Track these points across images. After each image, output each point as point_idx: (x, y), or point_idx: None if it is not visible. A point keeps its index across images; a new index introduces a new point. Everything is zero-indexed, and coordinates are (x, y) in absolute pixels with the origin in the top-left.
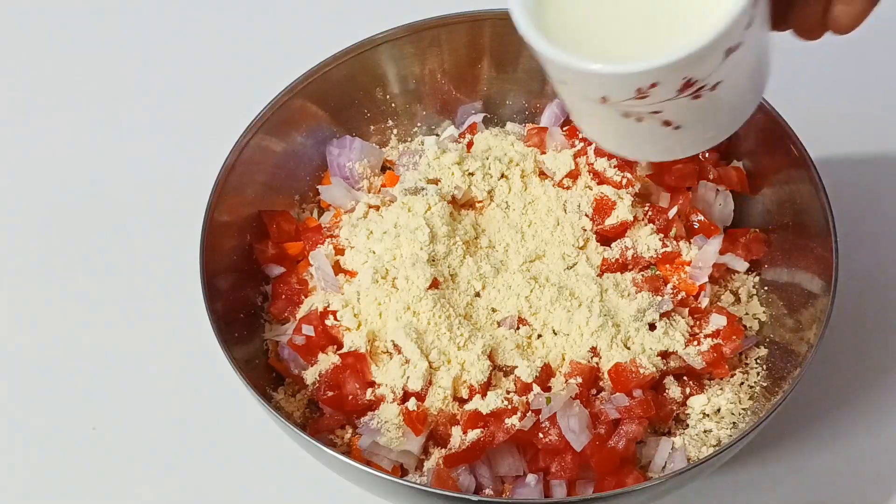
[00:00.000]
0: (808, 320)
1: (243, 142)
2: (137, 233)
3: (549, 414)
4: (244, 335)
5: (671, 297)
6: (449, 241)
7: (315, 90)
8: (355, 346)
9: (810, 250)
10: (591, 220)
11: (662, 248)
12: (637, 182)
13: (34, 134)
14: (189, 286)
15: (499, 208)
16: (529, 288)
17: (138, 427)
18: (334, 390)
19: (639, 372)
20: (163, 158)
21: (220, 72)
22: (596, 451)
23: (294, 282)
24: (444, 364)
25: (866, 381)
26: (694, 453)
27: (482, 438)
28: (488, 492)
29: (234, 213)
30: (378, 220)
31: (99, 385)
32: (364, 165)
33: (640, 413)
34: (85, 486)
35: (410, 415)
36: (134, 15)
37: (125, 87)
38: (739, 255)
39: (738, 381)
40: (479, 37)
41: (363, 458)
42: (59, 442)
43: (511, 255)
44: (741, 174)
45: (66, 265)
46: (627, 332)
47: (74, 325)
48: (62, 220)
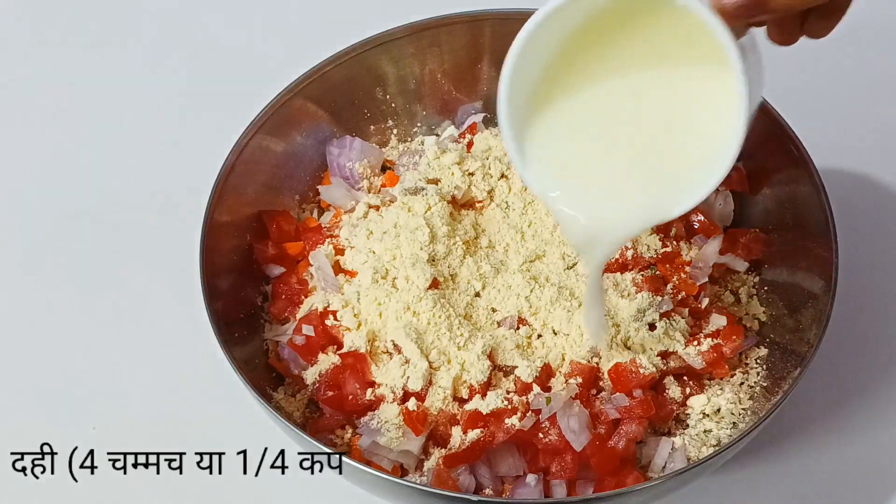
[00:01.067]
0: (808, 320)
1: (243, 142)
2: (137, 233)
3: (549, 414)
4: (244, 335)
5: (671, 297)
6: (449, 241)
7: (315, 90)
8: (355, 346)
9: (810, 250)
10: None
11: (662, 248)
12: None
13: (34, 134)
14: (189, 286)
15: (499, 208)
16: (529, 288)
17: (138, 427)
18: (334, 390)
19: (639, 372)
20: (163, 159)
21: (220, 72)
22: (596, 451)
23: (294, 282)
24: (444, 364)
25: (866, 381)
26: (694, 453)
27: (482, 438)
28: (488, 492)
29: (234, 213)
30: (378, 220)
31: (99, 385)
32: (364, 165)
33: (640, 413)
34: (85, 486)
35: (410, 415)
36: (134, 15)
37: (125, 88)
38: (739, 255)
39: (738, 381)
40: (479, 37)
41: (363, 458)
42: (60, 442)
43: (511, 255)
44: (741, 174)
45: (67, 265)
46: (627, 332)
47: (74, 325)
48: (62, 221)
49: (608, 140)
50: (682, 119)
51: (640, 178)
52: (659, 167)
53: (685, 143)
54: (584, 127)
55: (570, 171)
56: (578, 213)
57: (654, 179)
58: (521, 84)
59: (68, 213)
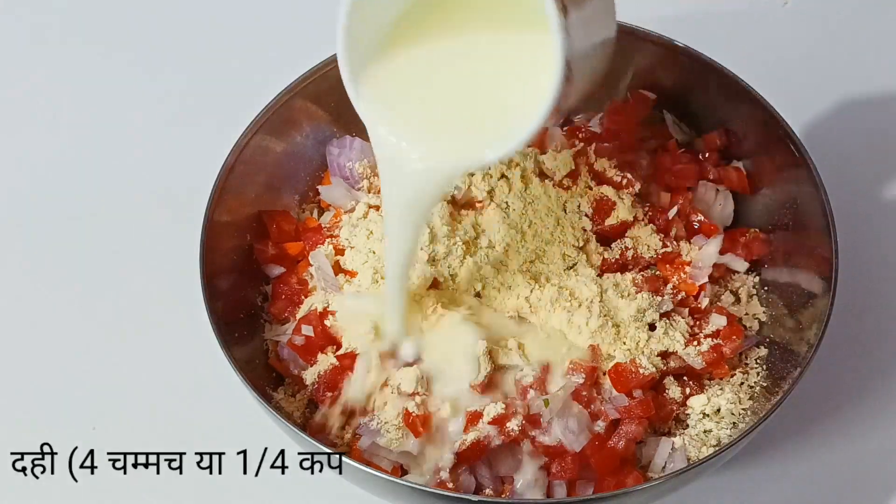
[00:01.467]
0: (808, 320)
1: (243, 142)
2: (138, 233)
3: (549, 416)
4: (244, 335)
5: (671, 297)
6: (449, 241)
7: (315, 90)
8: (353, 346)
9: (810, 250)
10: (592, 220)
11: (662, 248)
12: (637, 182)
13: (34, 135)
14: (189, 286)
15: (499, 208)
16: (529, 288)
17: (138, 427)
18: (333, 391)
19: (639, 372)
20: (163, 159)
21: (220, 72)
22: (596, 451)
23: (294, 282)
24: (443, 364)
25: (866, 381)
26: (694, 453)
27: (482, 439)
28: (488, 492)
29: (234, 213)
30: (378, 220)
31: (99, 385)
32: (364, 165)
33: (640, 413)
34: (85, 486)
35: (410, 416)
36: (134, 15)
37: (125, 88)
38: (739, 255)
39: (738, 381)
40: None
41: (363, 459)
42: (60, 442)
43: (511, 255)
44: (741, 174)
45: (67, 265)
46: (627, 332)
47: (74, 326)
48: (62, 221)
49: (439, 88)
50: (507, 72)
51: (464, 123)
52: (481, 114)
53: (508, 94)
54: (419, 73)
55: (401, 109)
56: (402, 140)
57: (476, 125)
58: (368, 21)
59: (68, 213)
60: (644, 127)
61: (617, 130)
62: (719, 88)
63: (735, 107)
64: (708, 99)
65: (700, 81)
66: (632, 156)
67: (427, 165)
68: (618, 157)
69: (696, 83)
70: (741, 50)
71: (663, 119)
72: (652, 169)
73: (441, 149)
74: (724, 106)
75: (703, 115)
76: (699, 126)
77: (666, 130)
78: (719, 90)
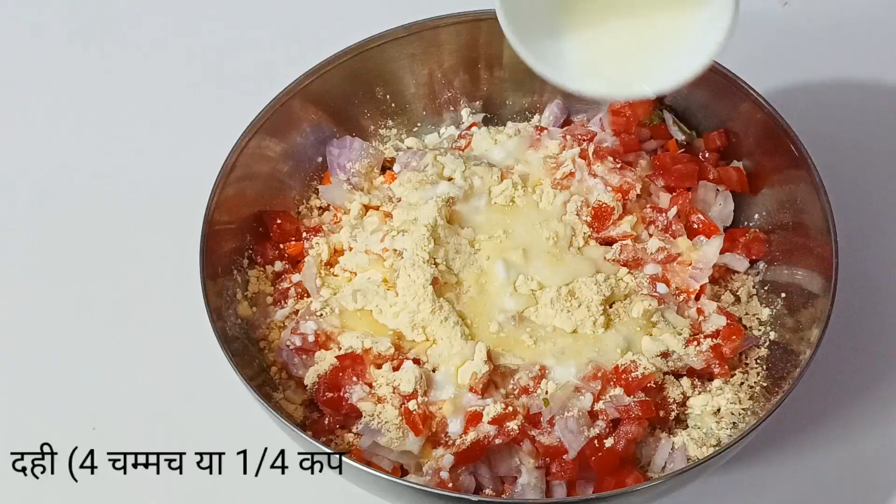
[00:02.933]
0: (808, 320)
1: (243, 142)
2: (138, 233)
3: (549, 416)
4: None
5: (671, 297)
6: (449, 241)
7: (315, 90)
8: (352, 347)
9: (810, 250)
10: (591, 227)
11: (663, 249)
12: (637, 184)
13: (34, 135)
14: (189, 286)
15: (499, 208)
16: (529, 288)
17: (138, 427)
18: (333, 392)
19: (639, 372)
20: (163, 159)
21: (220, 72)
22: (595, 451)
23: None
24: (443, 364)
25: (866, 382)
26: (694, 453)
27: (482, 438)
28: (488, 492)
29: (234, 213)
30: (378, 220)
31: (99, 385)
32: (364, 165)
33: (640, 413)
34: (85, 486)
35: (410, 415)
36: (135, 16)
37: (126, 88)
38: (739, 255)
39: (738, 381)
40: (479, 37)
41: (363, 458)
42: (60, 442)
43: (511, 254)
44: (741, 174)
45: (67, 265)
46: (627, 332)
47: (74, 326)
48: (63, 221)
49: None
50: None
51: (637, 56)
52: (653, 50)
53: (678, 35)
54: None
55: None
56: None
57: (648, 59)
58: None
59: (68, 214)
60: (644, 127)
61: (617, 130)
62: (719, 88)
63: (735, 107)
64: (708, 99)
65: (700, 81)
66: (632, 156)
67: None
68: (618, 157)
69: (696, 83)
70: (741, 50)
71: (663, 119)
72: (652, 169)
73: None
74: (724, 106)
75: (703, 115)
76: (699, 126)
77: (666, 130)
78: (719, 90)
